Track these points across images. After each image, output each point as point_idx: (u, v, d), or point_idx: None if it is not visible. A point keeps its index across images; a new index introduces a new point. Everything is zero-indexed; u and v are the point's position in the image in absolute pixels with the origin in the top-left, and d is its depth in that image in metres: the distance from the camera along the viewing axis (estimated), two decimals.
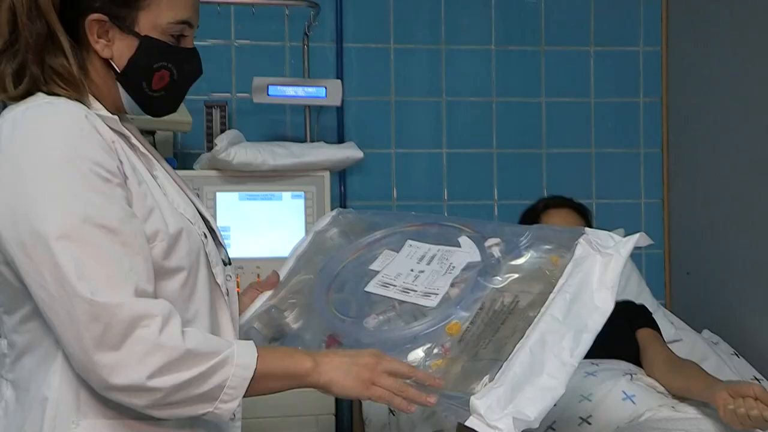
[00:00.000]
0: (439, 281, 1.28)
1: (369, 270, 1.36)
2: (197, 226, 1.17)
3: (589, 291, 1.22)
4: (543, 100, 2.77)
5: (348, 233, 1.50)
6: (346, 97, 2.58)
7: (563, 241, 1.29)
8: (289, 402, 2.16)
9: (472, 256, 1.31)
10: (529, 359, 1.14)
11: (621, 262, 1.23)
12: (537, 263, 1.28)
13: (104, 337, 0.98)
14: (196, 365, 1.01)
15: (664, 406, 1.72)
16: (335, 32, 2.64)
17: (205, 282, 1.16)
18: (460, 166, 2.72)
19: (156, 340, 0.99)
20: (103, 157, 1.05)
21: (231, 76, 2.61)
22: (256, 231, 2.27)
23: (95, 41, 1.13)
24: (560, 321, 1.18)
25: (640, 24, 2.80)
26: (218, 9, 2.52)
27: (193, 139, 2.50)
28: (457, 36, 2.72)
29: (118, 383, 0.99)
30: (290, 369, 1.11)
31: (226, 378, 1.03)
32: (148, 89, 1.17)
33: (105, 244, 1.01)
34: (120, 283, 1.00)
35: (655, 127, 2.81)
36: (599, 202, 2.76)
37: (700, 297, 2.58)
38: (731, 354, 2.33)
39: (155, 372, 0.99)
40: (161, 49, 1.15)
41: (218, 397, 1.04)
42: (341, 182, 2.64)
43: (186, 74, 1.20)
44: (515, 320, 1.21)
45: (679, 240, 2.75)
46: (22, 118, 1.06)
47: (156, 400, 1.01)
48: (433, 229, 1.42)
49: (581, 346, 1.17)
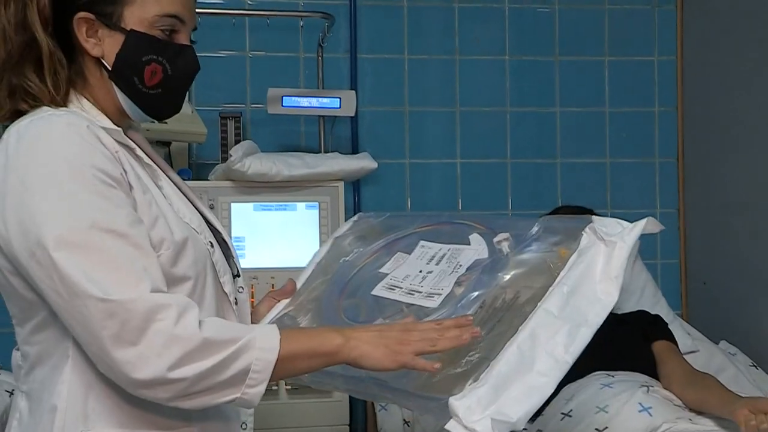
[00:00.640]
0: (444, 281, 1.26)
1: (380, 273, 1.35)
2: (203, 236, 1.17)
3: (591, 282, 1.16)
4: (557, 109, 2.76)
5: (365, 237, 1.48)
6: (360, 108, 2.59)
7: (570, 231, 1.24)
8: (303, 413, 2.17)
9: (480, 253, 1.27)
10: (516, 356, 1.09)
11: (626, 250, 1.17)
12: (543, 256, 1.23)
13: (121, 333, 0.98)
14: (217, 353, 1.01)
15: (682, 418, 1.71)
16: (349, 43, 2.65)
17: (213, 291, 1.16)
18: (475, 176, 2.72)
19: (172, 332, 0.99)
20: (106, 165, 1.06)
21: (246, 87, 2.62)
22: (271, 241, 2.27)
23: (85, 40, 1.14)
24: (554, 315, 1.13)
25: (654, 33, 2.79)
26: (233, 21, 2.54)
27: (208, 149, 2.51)
28: (470, 46, 2.72)
29: (141, 378, 0.99)
30: (319, 347, 1.10)
31: (249, 362, 1.03)
32: (141, 86, 1.16)
33: (115, 247, 1.01)
34: (135, 281, 1.00)
35: (671, 136, 2.79)
36: (614, 211, 2.74)
37: (717, 307, 2.56)
38: (749, 365, 2.31)
39: (175, 363, 0.99)
40: (149, 42, 1.15)
41: (244, 382, 1.03)
42: (355, 192, 2.64)
43: (181, 69, 1.18)
44: (511, 317, 1.16)
45: (695, 250, 2.73)
46: (26, 131, 1.07)
47: (180, 391, 1.01)
48: (445, 228, 1.39)
49: (578, 341, 1.11)
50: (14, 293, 1.09)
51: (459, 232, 1.35)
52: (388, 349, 1.10)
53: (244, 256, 2.23)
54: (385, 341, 1.11)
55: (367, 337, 1.12)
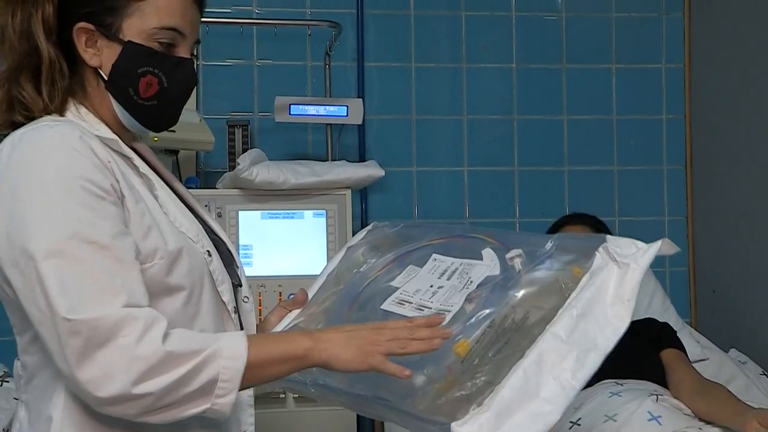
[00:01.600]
0: (455, 297, 1.23)
1: (391, 287, 1.33)
2: (200, 245, 1.17)
3: (602, 305, 1.13)
4: (565, 117, 2.76)
5: (379, 247, 1.47)
6: (367, 116, 2.59)
7: (584, 250, 1.20)
8: (310, 422, 2.17)
9: (492, 269, 1.25)
10: (521, 382, 1.06)
11: (639, 273, 1.14)
12: (555, 276, 1.20)
13: (85, 352, 0.97)
14: (181, 365, 1.00)
15: (691, 427, 1.70)
16: (356, 51, 2.66)
17: (211, 301, 1.16)
18: (482, 184, 2.72)
19: (135, 348, 0.98)
20: (96, 176, 1.06)
21: (253, 95, 2.63)
22: (278, 249, 2.27)
23: (83, 50, 1.15)
24: (563, 339, 1.10)
25: (662, 41, 2.79)
26: (241, 30, 2.55)
27: (215, 158, 2.52)
28: (477, 54, 2.72)
29: (105, 396, 0.98)
30: (289, 352, 1.08)
31: (217, 372, 1.01)
32: (137, 97, 1.16)
33: (95, 259, 1.01)
34: (109, 297, 1.00)
35: (679, 143, 2.79)
36: (622, 219, 2.74)
37: (726, 315, 2.54)
38: (760, 374, 2.29)
39: (138, 378, 0.98)
40: (145, 54, 1.15)
41: (213, 392, 1.02)
42: (363, 200, 2.65)
43: (177, 82, 1.18)
44: (519, 339, 1.14)
45: (704, 257, 2.72)
46: (19, 142, 1.08)
47: (147, 406, 1.00)
48: (459, 242, 1.37)
49: (586, 367, 1.08)
50: (11, 303, 1.09)
51: (472, 246, 1.33)
52: (359, 350, 1.09)
53: (252, 264, 2.24)
54: (355, 342, 1.10)
55: (336, 339, 1.10)
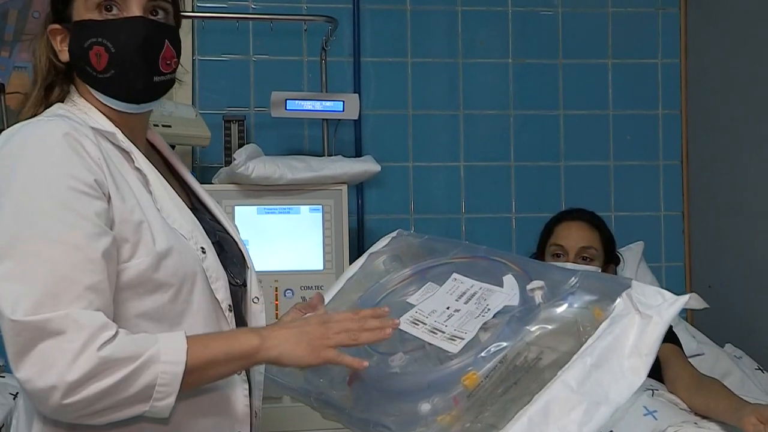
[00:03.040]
0: (470, 324, 1.19)
1: (407, 303, 1.30)
2: (193, 241, 1.16)
3: (618, 356, 1.08)
4: (561, 112, 2.76)
5: (401, 257, 1.45)
6: (363, 111, 2.59)
7: (608, 292, 1.15)
8: (306, 416, 2.17)
9: (511, 299, 1.21)
10: (525, 430, 1.02)
11: (661, 327, 1.09)
12: (575, 315, 1.14)
13: (24, 350, 0.98)
14: (116, 372, 0.99)
15: (687, 422, 1.70)
16: (353, 47, 2.65)
17: (203, 298, 1.15)
18: (478, 180, 2.72)
19: (76, 353, 0.98)
20: (80, 172, 1.05)
21: (249, 90, 2.63)
22: (274, 244, 2.27)
23: (60, 50, 1.18)
24: (573, 389, 1.05)
25: (658, 36, 2.78)
26: (237, 25, 2.54)
27: (211, 153, 2.51)
28: (474, 49, 2.72)
29: (42, 386, 0.98)
30: (235, 350, 1.08)
31: (154, 377, 1.01)
32: (95, 72, 1.16)
33: (63, 260, 1.00)
34: (69, 299, 0.99)
35: (675, 139, 2.79)
36: (618, 214, 2.74)
37: (722, 310, 2.55)
38: (755, 369, 2.30)
39: (74, 384, 0.98)
40: (87, 27, 1.15)
41: (151, 396, 1.01)
42: (359, 196, 2.64)
43: (124, 44, 1.14)
44: (529, 381, 1.09)
45: (700, 253, 2.72)
46: (11, 137, 1.09)
47: (84, 411, 1.00)
48: (481, 263, 1.33)
49: (594, 422, 1.04)
50: None
51: (494, 270, 1.29)
52: (310, 345, 1.09)
53: None
54: (306, 338, 1.10)
55: (286, 335, 1.10)
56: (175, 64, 1.21)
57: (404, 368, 1.20)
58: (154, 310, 1.08)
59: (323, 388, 1.27)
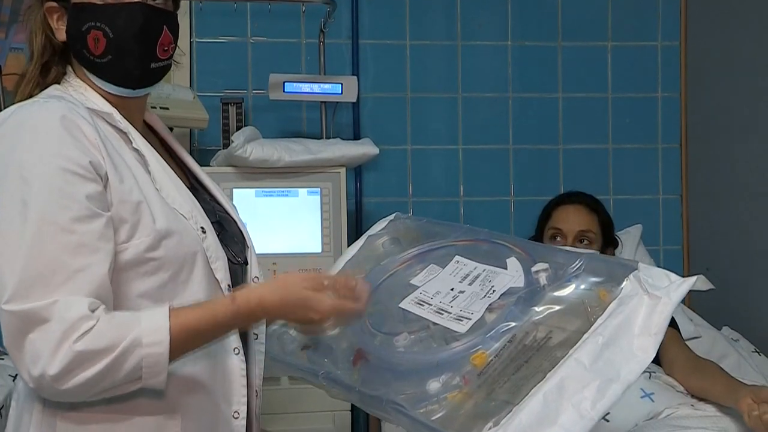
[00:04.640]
0: (476, 305, 1.20)
1: (410, 284, 1.30)
2: (193, 221, 1.16)
3: (628, 336, 1.10)
4: (560, 95, 2.75)
5: (400, 240, 1.45)
6: (361, 94, 2.58)
7: (614, 275, 1.17)
8: (304, 398, 2.18)
9: (516, 280, 1.22)
10: (540, 406, 1.04)
11: (670, 307, 1.11)
12: (581, 297, 1.16)
13: (15, 346, 1.00)
14: (97, 362, 1.00)
15: (684, 404, 1.71)
16: (351, 29, 2.64)
17: (203, 278, 1.15)
18: (477, 163, 2.71)
19: (53, 347, 0.99)
20: (74, 154, 1.05)
21: (247, 73, 2.61)
22: (273, 227, 2.27)
23: (56, 28, 1.17)
24: (586, 367, 1.07)
25: (658, 18, 2.77)
26: (234, 6, 2.53)
27: (209, 135, 2.51)
28: (473, 32, 2.71)
29: (40, 389, 1.01)
30: (219, 312, 1.08)
31: (138, 361, 1.02)
32: (92, 56, 1.15)
33: (55, 243, 1.01)
34: (57, 283, 1.00)
35: (674, 122, 2.78)
36: (617, 197, 2.74)
37: (719, 293, 2.55)
38: (752, 351, 2.31)
39: (58, 376, 0.99)
40: (86, 11, 1.14)
41: (141, 377, 1.03)
42: (357, 178, 2.64)
43: (122, 30, 1.14)
44: (540, 359, 1.11)
45: (698, 236, 2.72)
46: (4, 120, 1.09)
47: (83, 395, 1.02)
48: (483, 246, 1.34)
49: (607, 398, 1.05)
50: None
51: (496, 253, 1.30)
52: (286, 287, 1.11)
53: None
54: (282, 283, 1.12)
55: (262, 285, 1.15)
56: (173, 50, 1.21)
57: (409, 348, 1.21)
58: (155, 289, 1.08)
59: (328, 367, 1.27)
